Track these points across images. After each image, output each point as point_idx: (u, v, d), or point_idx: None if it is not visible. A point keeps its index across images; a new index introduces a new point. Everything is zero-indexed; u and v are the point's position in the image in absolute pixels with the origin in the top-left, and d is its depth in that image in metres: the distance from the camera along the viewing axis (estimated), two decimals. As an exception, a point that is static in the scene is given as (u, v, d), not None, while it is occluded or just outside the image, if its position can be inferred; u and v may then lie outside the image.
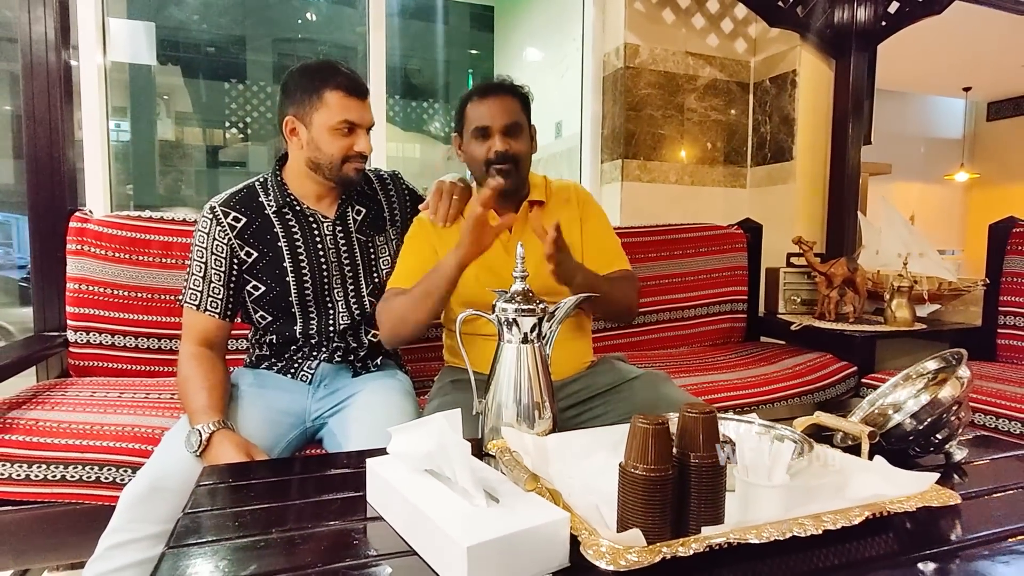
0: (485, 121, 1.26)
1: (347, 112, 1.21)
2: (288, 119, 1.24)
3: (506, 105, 1.27)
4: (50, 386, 1.44)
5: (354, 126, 1.22)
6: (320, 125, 1.21)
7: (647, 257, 2.09)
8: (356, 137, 1.23)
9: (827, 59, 2.52)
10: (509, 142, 1.26)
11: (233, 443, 1.03)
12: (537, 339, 0.87)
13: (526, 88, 1.34)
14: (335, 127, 1.21)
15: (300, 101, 1.22)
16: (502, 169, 1.26)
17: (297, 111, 1.22)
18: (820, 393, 1.77)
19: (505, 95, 1.28)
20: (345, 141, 1.22)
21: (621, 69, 2.51)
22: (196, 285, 1.22)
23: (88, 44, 2.07)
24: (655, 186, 2.59)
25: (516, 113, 1.27)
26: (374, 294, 1.34)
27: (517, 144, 1.27)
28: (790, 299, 2.32)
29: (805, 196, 2.57)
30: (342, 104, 1.20)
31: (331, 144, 1.22)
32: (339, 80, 1.20)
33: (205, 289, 1.22)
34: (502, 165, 1.26)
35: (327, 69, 1.21)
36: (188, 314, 1.23)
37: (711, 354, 2.03)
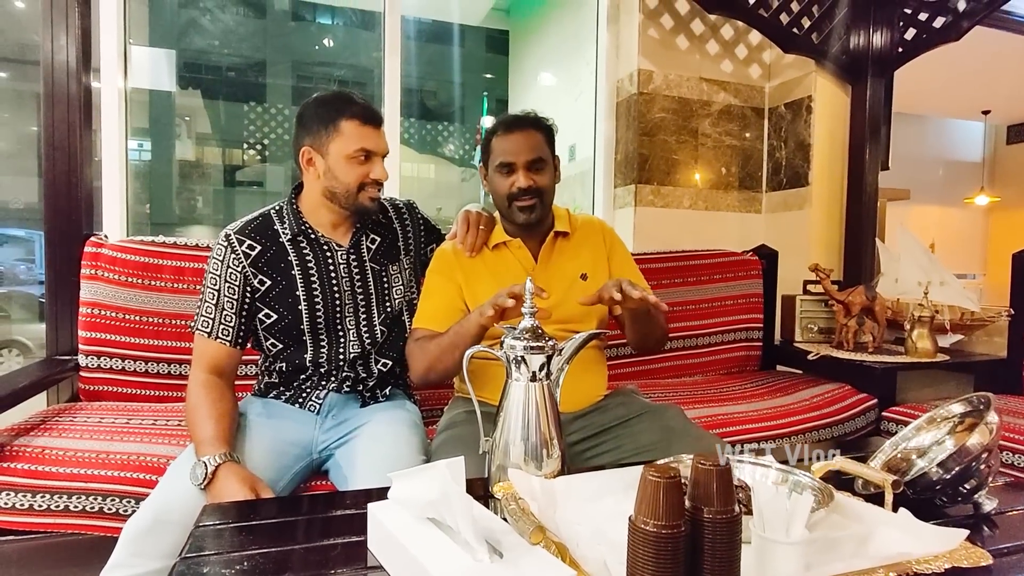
0: (509, 156, 1.27)
1: (363, 140, 1.21)
2: (304, 150, 1.25)
3: (530, 140, 1.27)
4: (59, 411, 1.44)
5: (370, 154, 1.23)
6: (336, 154, 1.22)
7: (661, 284, 2.06)
8: (372, 165, 1.23)
9: (843, 85, 2.51)
10: (533, 177, 1.26)
11: (238, 477, 1.02)
12: (546, 377, 0.85)
13: (551, 120, 1.35)
14: (351, 155, 1.21)
15: (316, 131, 1.23)
16: (525, 205, 1.27)
17: (313, 141, 1.23)
18: (839, 426, 1.71)
19: (529, 129, 1.28)
20: (361, 169, 1.22)
21: (635, 95, 2.50)
22: (208, 312, 1.22)
23: (110, 70, 2.11)
24: (669, 211, 2.57)
25: (540, 147, 1.28)
26: (385, 323, 1.33)
27: (541, 178, 1.27)
28: (807, 327, 2.27)
29: (821, 222, 2.54)
30: (358, 132, 1.21)
31: (347, 173, 1.22)
32: (354, 109, 1.21)
33: (217, 316, 1.22)
34: (525, 200, 1.27)
35: (342, 99, 1.22)
36: (199, 341, 1.23)
37: (726, 383, 1.99)
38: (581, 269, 1.35)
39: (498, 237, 1.35)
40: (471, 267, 1.33)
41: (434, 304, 1.31)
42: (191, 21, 7.90)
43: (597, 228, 1.42)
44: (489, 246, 1.35)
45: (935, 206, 6.78)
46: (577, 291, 1.32)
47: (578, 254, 1.37)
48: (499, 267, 1.33)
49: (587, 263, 1.36)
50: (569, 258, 1.36)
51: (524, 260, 1.33)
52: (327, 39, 9.48)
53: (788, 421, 1.65)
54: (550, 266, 1.34)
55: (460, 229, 1.35)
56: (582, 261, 1.36)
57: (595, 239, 1.40)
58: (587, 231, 1.41)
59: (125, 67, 2.17)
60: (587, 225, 1.42)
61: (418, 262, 1.42)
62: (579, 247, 1.37)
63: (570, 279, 1.33)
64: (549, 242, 1.34)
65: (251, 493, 1.00)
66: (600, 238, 1.40)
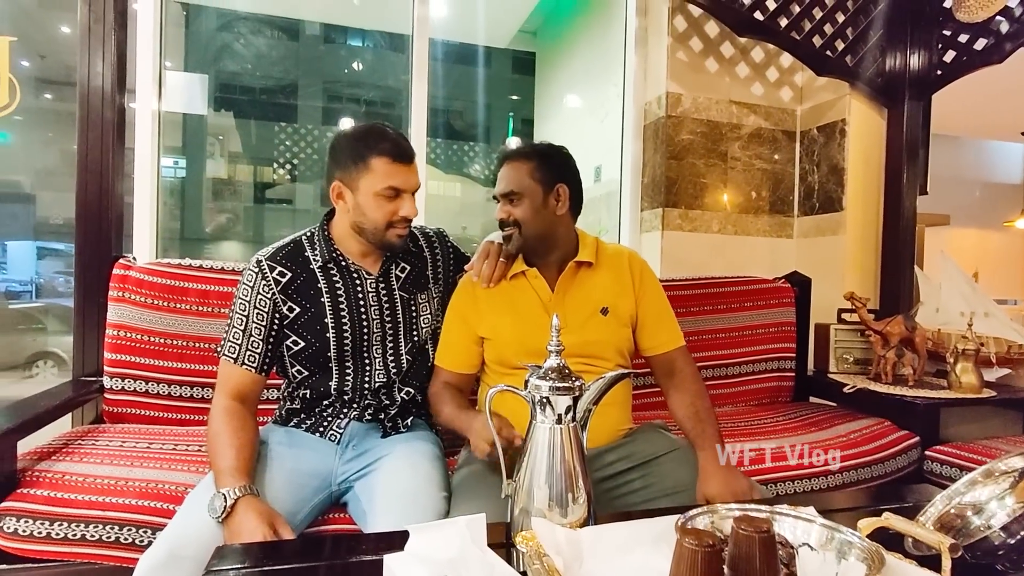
0: (496, 189, 1.30)
1: (392, 178, 1.19)
2: (335, 184, 1.23)
3: (508, 172, 1.27)
4: (82, 434, 1.44)
5: (399, 191, 1.21)
6: (366, 191, 1.20)
7: (689, 311, 2.01)
8: (401, 202, 1.21)
9: (879, 108, 2.44)
10: (508, 208, 1.27)
11: (257, 512, 0.99)
12: (572, 419, 0.81)
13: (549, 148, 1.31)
14: (380, 193, 1.19)
15: (346, 167, 1.21)
16: (505, 235, 1.28)
17: (344, 176, 1.22)
18: (879, 466, 1.63)
19: (513, 161, 1.28)
20: (390, 206, 1.20)
21: (663, 118, 2.47)
22: (236, 338, 1.21)
23: (145, 94, 2.16)
24: (697, 235, 2.52)
25: (516, 180, 1.26)
26: (411, 352, 1.32)
27: (515, 210, 1.26)
28: (842, 358, 2.19)
29: (856, 248, 2.46)
30: (387, 170, 1.19)
31: (376, 210, 1.20)
32: (385, 146, 1.19)
33: (244, 343, 1.20)
34: (506, 231, 1.28)
35: (374, 135, 1.21)
36: (225, 366, 1.21)
37: (758, 415, 1.92)
38: (602, 302, 1.30)
39: (517, 267, 1.32)
40: (488, 298, 1.30)
41: (450, 341, 1.33)
42: (225, 46, 8.14)
43: (625, 260, 1.36)
44: (508, 276, 1.32)
45: (973, 229, 6.57)
46: (596, 325, 1.27)
47: (601, 286, 1.31)
48: (516, 297, 1.30)
49: (610, 296, 1.31)
50: (590, 289, 1.30)
51: (540, 290, 1.30)
52: (357, 62, 9.68)
53: (825, 459, 1.57)
54: (567, 297, 1.29)
55: (478, 260, 1.33)
56: (604, 293, 1.31)
57: (622, 272, 1.34)
58: (614, 262, 1.35)
59: (160, 91, 2.22)
60: (615, 256, 1.36)
61: (447, 291, 1.40)
62: (603, 279, 1.32)
63: (589, 311, 1.28)
64: (568, 272, 1.30)
65: (269, 530, 0.97)
66: (627, 271, 1.34)
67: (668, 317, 1.36)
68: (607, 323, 1.28)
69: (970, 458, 1.61)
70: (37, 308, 7.28)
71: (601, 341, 1.27)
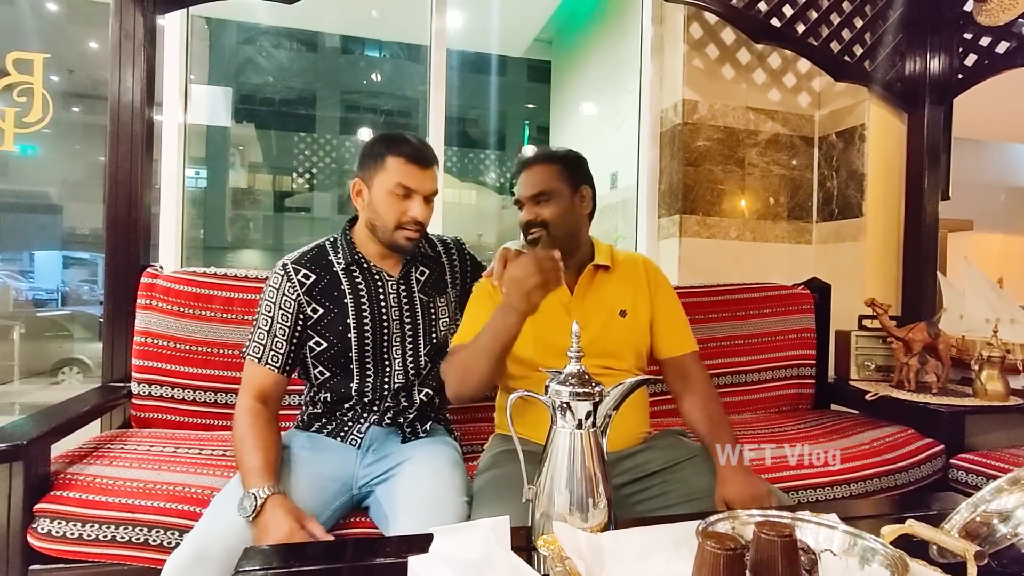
0: (519, 193, 1.31)
1: (404, 177, 1.24)
2: (356, 181, 1.30)
3: (535, 175, 1.29)
4: (111, 438, 1.48)
5: (410, 192, 1.25)
6: (379, 187, 1.26)
7: (708, 318, 2.00)
8: (411, 203, 1.25)
9: (899, 112, 2.42)
10: (536, 210, 1.28)
11: (286, 511, 1.02)
12: (592, 425, 0.82)
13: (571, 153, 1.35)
14: (391, 190, 1.24)
15: (366, 165, 1.28)
16: (532, 237, 1.28)
17: (363, 174, 1.29)
18: (903, 474, 1.61)
19: (537, 166, 1.30)
20: (400, 205, 1.25)
21: (679, 125, 2.48)
22: (260, 339, 1.24)
23: (171, 107, 2.22)
24: (715, 242, 2.52)
25: (545, 181, 1.28)
26: (430, 354, 1.34)
27: (544, 210, 1.27)
28: (863, 365, 2.16)
29: (877, 254, 2.43)
30: (401, 169, 1.24)
31: (386, 207, 1.25)
32: (402, 148, 1.25)
33: (268, 343, 1.24)
34: (533, 233, 1.28)
35: (396, 138, 1.27)
36: (249, 367, 1.25)
37: (778, 423, 1.90)
38: (621, 305, 1.32)
39: None
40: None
41: (472, 322, 1.28)
42: (247, 59, 8.29)
43: (640, 265, 1.39)
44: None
45: (998, 234, 6.44)
46: (615, 327, 1.29)
47: (619, 289, 1.34)
48: None
49: (627, 299, 1.33)
50: (608, 292, 1.33)
51: (560, 292, 1.31)
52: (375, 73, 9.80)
53: (847, 467, 1.55)
54: (587, 298, 1.32)
55: (496, 265, 1.34)
56: (622, 296, 1.33)
57: (637, 276, 1.36)
58: (629, 267, 1.37)
59: (185, 103, 2.28)
60: (630, 261, 1.39)
61: (463, 297, 1.42)
62: (620, 282, 1.34)
63: (608, 313, 1.30)
64: (587, 274, 1.32)
65: (298, 527, 1.00)
66: (643, 276, 1.37)
67: (681, 322, 1.37)
68: (626, 325, 1.29)
69: (996, 466, 1.58)
70: (63, 316, 7.45)
71: (620, 342, 1.28)
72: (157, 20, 1.81)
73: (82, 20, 5.48)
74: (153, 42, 1.77)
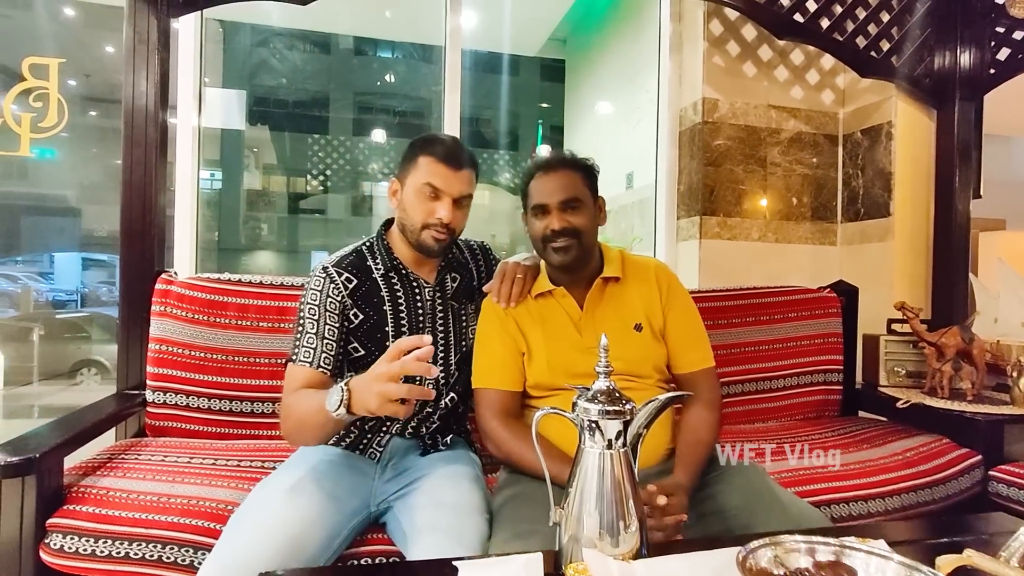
0: (543, 198, 1.22)
1: (432, 176, 1.22)
2: (393, 180, 1.31)
3: (564, 180, 1.22)
4: (125, 448, 1.46)
5: (439, 192, 1.23)
6: (410, 186, 1.25)
7: (731, 323, 1.95)
8: (439, 203, 1.22)
9: (927, 109, 2.35)
10: (567, 217, 1.21)
11: (365, 376, 0.94)
12: (623, 444, 0.77)
13: (590, 161, 1.29)
14: (419, 188, 1.23)
15: (402, 165, 1.28)
16: (560, 246, 1.21)
17: (399, 173, 1.29)
18: (939, 487, 1.54)
19: (564, 169, 1.23)
20: (428, 205, 1.23)
21: (699, 124, 2.42)
22: (310, 343, 1.20)
23: (185, 110, 2.21)
24: (736, 244, 2.46)
25: (575, 187, 1.22)
26: (459, 363, 1.32)
27: (576, 218, 1.21)
28: (892, 370, 2.09)
29: (905, 255, 2.36)
30: (431, 168, 1.23)
31: (415, 206, 1.24)
32: (434, 148, 1.24)
33: (319, 346, 1.19)
34: (560, 241, 1.21)
35: (430, 139, 1.27)
36: (299, 371, 1.18)
37: (804, 431, 1.84)
38: (635, 318, 1.26)
39: (541, 286, 1.29)
40: (517, 318, 1.28)
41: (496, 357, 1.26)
42: (261, 61, 8.33)
43: (652, 273, 1.32)
44: (532, 295, 1.29)
45: (1031, 232, 6.28)
46: (632, 343, 1.24)
47: (631, 301, 1.28)
48: (546, 317, 1.27)
49: (641, 312, 1.27)
50: (620, 305, 1.27)
51: (569, 308, 1.27)
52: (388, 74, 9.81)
53: (881, 480, 1.49)
54: (597, 314, 1.26)
55: (495, 282, 1.31)
56: (635, 309, 1.27)
57: (649, 285, 1.30)
58: (641, 275, 1.31)
59: (200, 107, 2.27)
60: (642, 269, 1.32)
61: None
62: (632, 293, 1.28)
63: (622, 328, 1.25)
64: (596, 288, 1.26)
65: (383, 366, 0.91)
66: (655, 284, 1.30)
67: (696, 335, 1.31)
68: (642, 339, 1.24)
69: (1039, 479, 1.52)
70: (82, 317, 7.54)
71: (640, 358, 1.23)
72: (171, 23, 1.79)
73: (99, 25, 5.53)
74: (167, 45, 1.75)
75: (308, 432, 1.10)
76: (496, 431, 1.20)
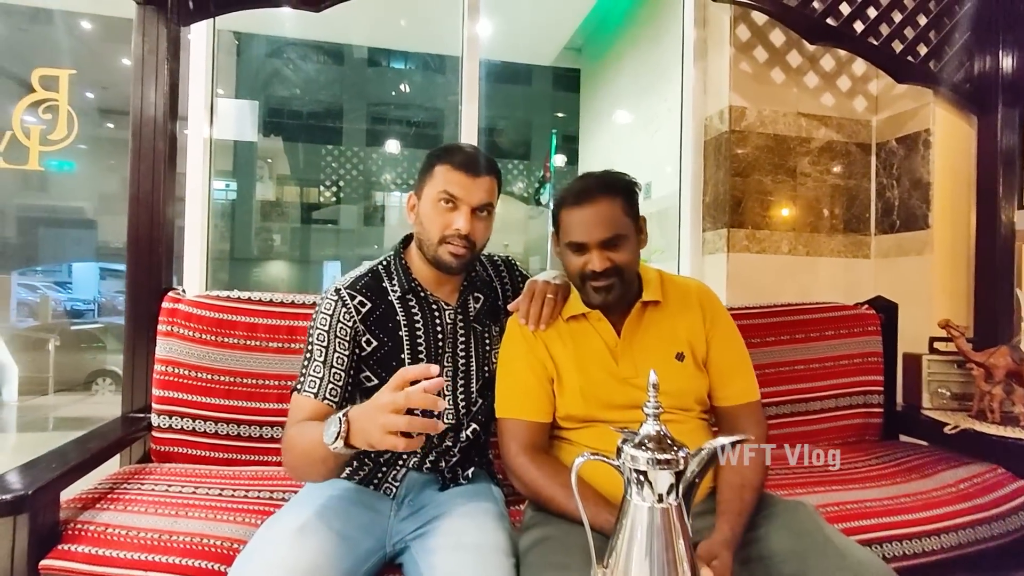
0: (581, 236, 1.10)
1: (449, 184, 1.14)
2: (410, 195, 1.23)
3: (604, 213, 1.09)
4: (128, 476, 1.38)
5: (456, 201, 1.14)
6: (427, 198, 1.17)
7: (764, 342, 1.84)
8: (457, 214, 1.13)
9: (967, 116, 2.23)
10: (609, 256, 1.09)
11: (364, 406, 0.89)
12: (676, 497, 0.68)
13: (629, 178, 1.17)
14: (435, 198, 1.15)
15: (419, 177, 1.21)
16: (601, 285, 1.10)
17: (417, 187, 1.21)
18: (999, 523, 1.42)
19: (603, 199, 1.10)
20: (445, 216, 1.14)
21: (726, 133, 2.33)
22: (316, 371, 1.12)
23: (197, 122, 2.15)
24: (765, 257, 2.35)
25: (616, 220, 1.09)
26: (482, 390, 1.22)
27: (619, 255, 1.10)
28: (936, 392, 1.97)
29: (945, 269, 2.24)
30: (447, 176, 1.14)
31: (431, 219, 1.15)
32: (451, 155, 1.16)
33: (326, 375, 1.12)
34: (601, 281, 1.10)
35: (449, 147, 1.19)
36: (302, 402, 1.11)
37: (843, 458, 1.73)
38: (676, 347, 1.16)
39: (575, 308, 1.18)
40: (545, 340, 1.17)
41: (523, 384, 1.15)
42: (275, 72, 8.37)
43: (694, 296, 1.21)
44: (564, 317, 1.19)
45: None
46: (673, 374, 1.13)
47: (672, 327, 1.17)
48: (579, 342, 1.17)
49: (683, 339, 1.16)
50: (661, 332, 1.17)
51: (605, 334, 1.16)
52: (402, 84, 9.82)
53: (936, 515, 1.37)
54: (636, 342, 1.15)
55: (523, 301, 1.20)
56: (677, 336, 1.17)
57: (692, 310, 1.19)
58: (683, 299, 1.20)
59: (212, 118, 2.21)
60: (683, 291, 1.22)
61: None
62: (673, 319, 1.18)
63: (662, 358, 1.14)
64: (635, 314, 1.16)
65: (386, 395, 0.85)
66: (698, 309, 1.20)
67: (742, 365, 1.20)
68: (685, 369, 1.14)
69: (1109, 515, 1.39)
70: (97, 328, 7.57)
71: (682, 391, 1.13)
72: (183, 34, 1.73)
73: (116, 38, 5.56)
74: (177, 55, 1.70)
75: (310, 468, 1.01)
76: (524, 468, 1.10)
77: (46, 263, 8.78)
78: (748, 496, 1.04)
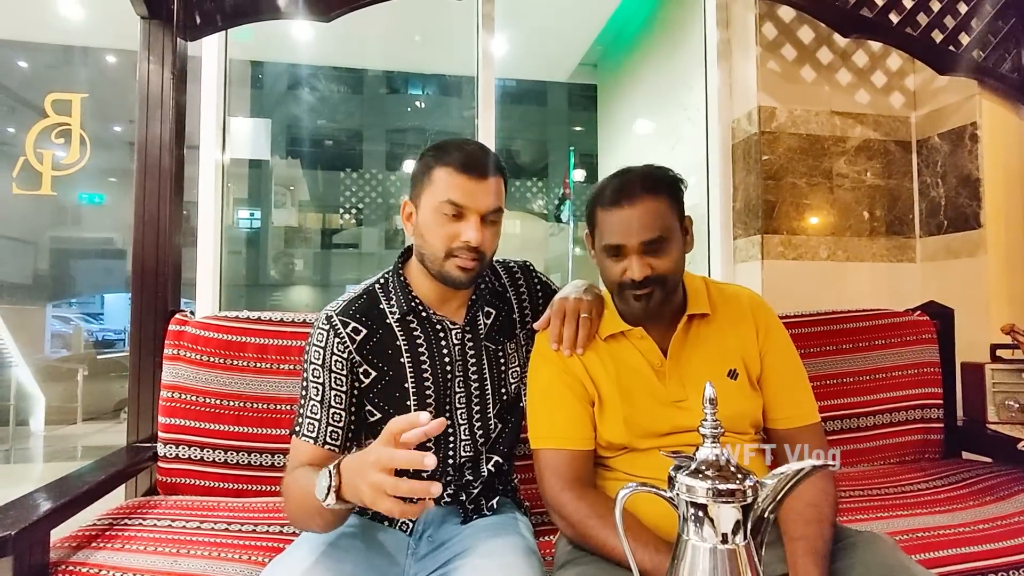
0: (620, 238, 0.96)
1: (452, 191, 0.98)
2: (405, 201, 1.07)
3: (647, 213, 0.95)
4: (130, 510, 1.30)
5: (462, 210, 0.99)
6: (426, 207, 1.01)
7: (809, 353, 1.70)
8: (464, 224, 0.99)
9: (1016, 107, 2.09)
10: (650, 262, 0.96)
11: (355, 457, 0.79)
12: (744, 537, 0.56)
13: (673, 173, 1.03)
14: (438, 208, 0.99)
15: (415, 181, 1.05)
16: (641, 294, 0.97)
17: (412, 192, 1.05)
18: (1094, 553, 1.25)
19: (645, 198, 0.96)
20: (449, 228, 0.99)
21: (755, 135, 2.21)
22: (314, 413, 1.00)
23: (208, 143, 2.11)
24: (802, 264, 2.21)
25: (659, 221, 0.96)
26: (500, 415, 1.10)
27: (661, 262, 0.96)
28: (1003, 404, 1.80)
29: (1001, 271, 2.08)
30: (449, 181, 0.99)
31: (434, 231, 1.00)
32: (451, 156, 1.00)
33: (324, 417, 1.00)
34: (641, 290, 0.97)
35: (447, 145, 1.02)
36: (302, 447, 1.00)
37: (903, 478, 1.57)
38: (728, 364, 1.02)
39: (613, 326, 1.05)
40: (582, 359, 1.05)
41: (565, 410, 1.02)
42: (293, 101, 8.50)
43: (746, 306, 1.08)
44: (601, 336, 1.05)
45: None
46: (727, 394, 0.99)
47: (723, 342, 1.04)
48: (620, 362, 1.03)
49: (735, 355, 1.03)
50: (710, 348, 1.04)
51: (649, 353, 1.03)
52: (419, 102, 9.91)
53: (1020, 544, 1.22)
54: (682, 360, 1.02)
55: (554, 323, 1.06)
56: (729, 352, 1.03)
57: (744, 322, 1.06)
58: (734, 310, 1.07)
59: (224, 143, 2.17)
60: (733, 301, 1.08)
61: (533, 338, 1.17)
62: (723, 333, 1.05)
63: (714, 376, 1.01)
64: (682, 329, 1.02)
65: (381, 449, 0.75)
66: (751, 320, 1.06)
67: (799, 382, 1.07)
68: (738, 389, 1.01)
69: None
70: (124, 356, 7.62)
71: (737, 413, 1.00)
72: (190, 52, 1.69)
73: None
74: (184, 72, 1.65)
75: (308, 520, 0.90)
76: (570, 507, 0.95)
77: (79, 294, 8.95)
78: (828, 533, 0.89)
